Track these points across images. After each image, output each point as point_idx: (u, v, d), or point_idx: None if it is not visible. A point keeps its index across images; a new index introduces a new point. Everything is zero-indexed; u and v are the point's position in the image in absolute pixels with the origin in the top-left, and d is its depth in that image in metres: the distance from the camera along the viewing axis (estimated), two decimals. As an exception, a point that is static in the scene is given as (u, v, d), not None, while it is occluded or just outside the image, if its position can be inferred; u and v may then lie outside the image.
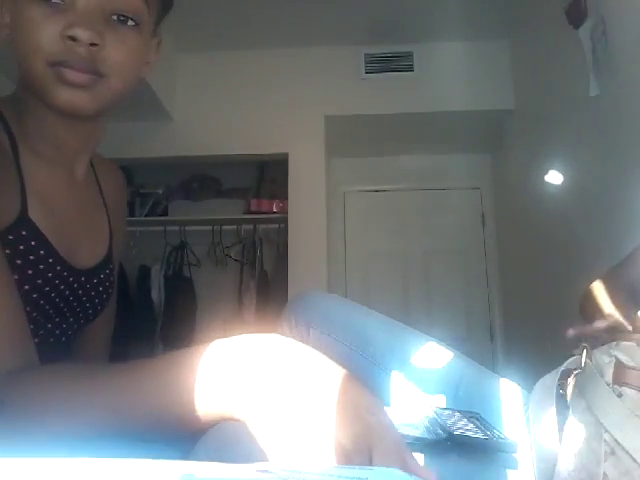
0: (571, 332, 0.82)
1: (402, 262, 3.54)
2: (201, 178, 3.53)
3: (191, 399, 0.43)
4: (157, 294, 3.30)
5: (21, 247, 0.66)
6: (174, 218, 3.39)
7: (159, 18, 0.74)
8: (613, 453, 0.42)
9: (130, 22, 0.66)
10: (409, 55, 3.05)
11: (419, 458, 0.71)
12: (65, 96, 0.63)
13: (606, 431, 0.43)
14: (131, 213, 3.41)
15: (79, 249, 0.76)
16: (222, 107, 3.04)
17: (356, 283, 3.49)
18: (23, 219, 0.66)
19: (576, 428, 0.45)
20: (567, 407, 0.50)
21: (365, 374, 1.02)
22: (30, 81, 0.65)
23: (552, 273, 2.44)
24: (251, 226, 3.39)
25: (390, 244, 3.56)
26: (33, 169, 0.70)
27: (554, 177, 2.36)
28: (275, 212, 3.27)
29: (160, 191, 3.51)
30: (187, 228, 3.39)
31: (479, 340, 3.37)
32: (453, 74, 2.98)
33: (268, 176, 3.53)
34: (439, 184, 3.59)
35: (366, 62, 3.06)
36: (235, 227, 3.40)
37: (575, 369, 0.55)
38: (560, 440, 0.48)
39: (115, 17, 0.65)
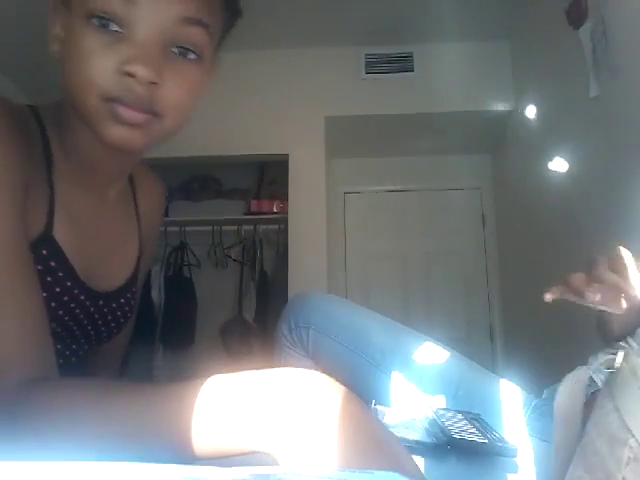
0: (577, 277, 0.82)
1: (402, 262, 3.54)
2: (201, 179, 3.54)
3: (207, 434, 0.41)
4: (157, 295, 3.30)
5: (39, 267, 0.61)
6: (174, 218, 3.38)
7: (220, 44, 0.69)
8: (637, 460, 0.41)
9: (191, 55, 0.61)
10: (409, 56, 3.05)
11: (419, 462, 0.71)
12: (118, 134, 0.59)
13: (633, 436, 0.42)
14: (131, 214, 3.41)
15: (102, 272, 0.73)
16: (222, 108, 3.04)
17: (356, 284, 3.48)
18: (47, 237, 0.63)
19: (600, 428, 0.44)
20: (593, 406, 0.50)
21: (364, 375, 1.02)
22: (80, 111, 0.60)
23: (552, 274, 2.43)
24: (251, 227, 3.39)
25: (390, 244, 3.56)
26: (65, 187, 0.66)
27: (554, 178, 2.36)
28: (275, 213, 3.28)
29: (160, 192, 3.51)
30: (187, 229, 3.39)
31: (479, 341, 3.37)
32: (453, 75, 2.98)
33: (268, 177, 3.53)
34: (439, 184, 3.59)
35: (366, 63, 3.06)
36: (235, 228, 3.40)
37: (608, 368, 0.54)
38: (582, 437, 0.47)
39: (176, 49, 0.59)
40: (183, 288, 3.36)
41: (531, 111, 2.74)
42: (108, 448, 0.45)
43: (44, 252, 0.63)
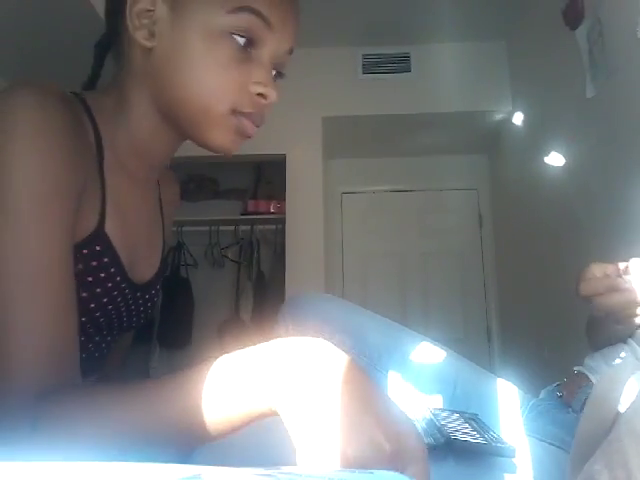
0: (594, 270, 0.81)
1: (399, 263, 3.54)
2: (198, 179, 3.53)
3: (226, 404, 0.42)
4: (154, 295, 3.30)
5: (93, 263, 0.62)
6: (171, 219, 3.38)
7: None
8: None
9: (280, 77, 0.71)
10: (406, 56, 3.05)
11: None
12: (232, 144, 0.65)
13: None
14: (128, 214, 3.41)
15: (141, 262, 0.73)
16: (219, 108, 3.03)
17: (353, 284, 3.49)
18: (99, 233, 0.62)
19: (630, 426, 0.44)
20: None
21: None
22: (187, 113, 0.63)
23: (549, 274, 2.45)
24: (248, 227, 3.39)
25: (387, 245, 3.56)
26: (113, 178, 0.65)
27: (551, 178, 2.36)
28: (272, 213, 3.28)
29: (157, 191, 3.51)
30: (184, 229, 3.38)
31: (476, 341, 3.37)
32: (450, 75, 2.99)
33: (265, 177, 3.53)
34: (436, 185, 3.59)
35: (363, 63, 3.07)
36: (232, 228, 3.40)
37: None
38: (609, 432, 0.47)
39: (273, 72, 0.67)
40: (180, 288, 3.36)
41: (528, 111, 2.75)
42: (128, 447, 0.45)
43: (97, 248, 0.62)
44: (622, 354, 0.83)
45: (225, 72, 0.60)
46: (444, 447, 0.70)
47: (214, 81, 0.60)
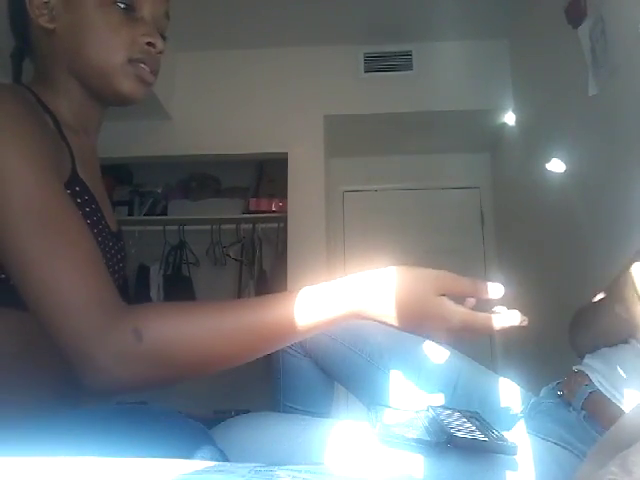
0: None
1: (401, 261, 3.52)
2: (200, 177, 3.53)
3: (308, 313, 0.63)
4: (156, 293, 3.31)
5: (78, 200, 0.72)
6: (173, 217, 3.39)
7: None
8: None
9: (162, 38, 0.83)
10: (408, 54, 3.04)
11: (418, 460, 0.71)
12: (134, 89, 0.79)
13: None
14: (130, 212, 3.41)
15: (106, 212, 0.82)
16: (221, 106, 3.04)
17: (355, 282, 3.48)
18: (75, 176, 0.74)
19: None
20: None
21: (363, 373, 1.02)
22: (99, 71, 0.77)
23: (551, 272, 2.44)
24: (250, 225, 3.39)
25: (389, 243, 3.55)
26: (73, 140, 0.78)
27: (553, 176, 2.36)
28: (274, 211, 3.28)
29: (159, 190, 3.51)
30: (186, 227, 3.39)
31: (477, 340, 3.37)
32: (452, 73, 2.98)
33: (267, 175, 3.53)
34: (438, 183, 3.59)
35: (365, 61, 3.06)
36: (234, 226, 3.40)
37: None
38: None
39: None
40: (182, 287, 3.37)
41: (530, 109, 2.75)
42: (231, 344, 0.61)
43: (77, 189, 0.73)
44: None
45: (115, 31, 0.76)
46: (446, 444, 0.70)
47: (107, 39, 0.76)
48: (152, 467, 0.28)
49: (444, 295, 0.67)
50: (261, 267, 3.40)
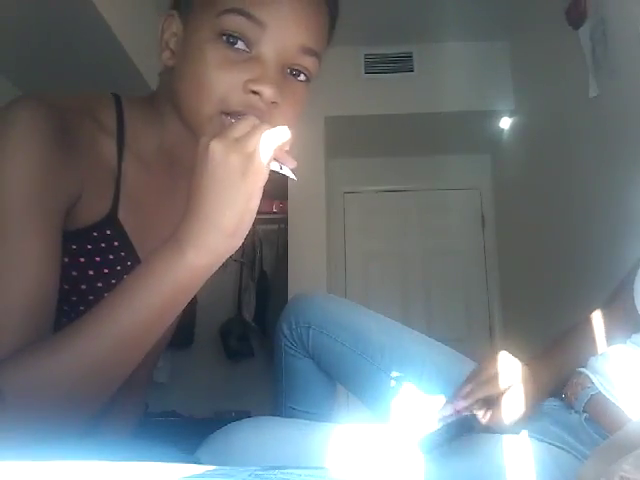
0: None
1: (402, 262, 3.54)
2: (201, 178, 3.53)
3: None
4: (157, 294, 3.30)
5: (103, 245, 0.67)
6: (174, 218, 3.38)
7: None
8: None
9: (302, 77, 0.67)
10: (409, 56, 3.04)
11: (419, 463, 0.71)
12: None
13: None
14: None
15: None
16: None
17: (356, 283, 3.48)
18: (111, 219, 0.67)
19: None
20: None
21: (365, 374, 1.02)
22: (188, 115, 0.65)
23: (552, 274, 2.44)
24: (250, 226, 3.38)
25: (390, 244, 3.56)
26: (135, 174, 0.71)
27: (553, 177, 2.36)
28: (275, 212, 3.27)
29: (160, 191, 3.51)
30: (187, 228, 3.38)
31: (478, 340, 3.36)
32: (453, 75, 2.98)
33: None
34: (439, 185, 3.59)
35: (366, 63, 3.06)
36: (235, 227, 3.39)
37: None
38: None
39: (289, 71, 0.65)
40: (182, 288, 3.36)
41: (531, 111, 2.74)
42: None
43: (108, 232, 0.68)
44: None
45: (214, 73, 0.60)
46: (460, 428, 0.72)
47: (202, 83, 0.61)
48: (151, 471, 0.28)
49: None
50: (262, 268, 3.40)
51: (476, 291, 3.46)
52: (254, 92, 0.61)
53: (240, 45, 0.61)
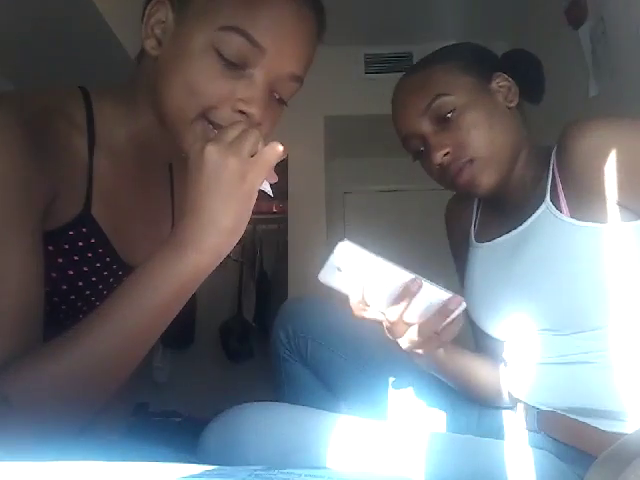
0: None
1: (402, 262, 3.52)
2: (201, 178, 3.53)
3: None
4: (157, 294, 3.29)
5: (80, 244, 0.67)
6: (174, 218, 3.38)
7: None
8: None
9: (283, 99, 0.69)
10: (409, 55, 3.04)
11: (420, 459, 0.71)
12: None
13: None
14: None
15: (139, 250, 0.77)
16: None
17: (356, 283, 3.47)
18: (85, 216, 0.67)
19: None
20: None
21: (363, 386, 1.02)
22: (167, 115, 0.65)
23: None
24: (250, 226, 3.35)
25: (390, 244, 3.54)
26: (104, 169, 0.70)
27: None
28: (274, 212, 3.27)
29: (160, 191, 3.51)
30: (187, 228, 3.38)
31: (479, 340, 3.37)
32: (453, 74, 2.98)
33: (268, 176, 3.52)
34: (439, 185, 3.57)
35: (366, 62, 3.06)
36: (235, 227, 3.39)
37: None
38: None
39: (276, 95, 0.67)
40: (182, 288, 3.36)
41: (530, 111, 2.74)
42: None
43: (84, 230, 0.67)
44: None
45: (206, 84, 0.61)
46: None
47: (191, 90, 0.62)
48: (150, 471, 0.28)
49: None
50: (262, 268, 3.39)
51: (476, 291, 3.45)
52: (243, 112, 0.63)
53: (236, 61, 0.62)
